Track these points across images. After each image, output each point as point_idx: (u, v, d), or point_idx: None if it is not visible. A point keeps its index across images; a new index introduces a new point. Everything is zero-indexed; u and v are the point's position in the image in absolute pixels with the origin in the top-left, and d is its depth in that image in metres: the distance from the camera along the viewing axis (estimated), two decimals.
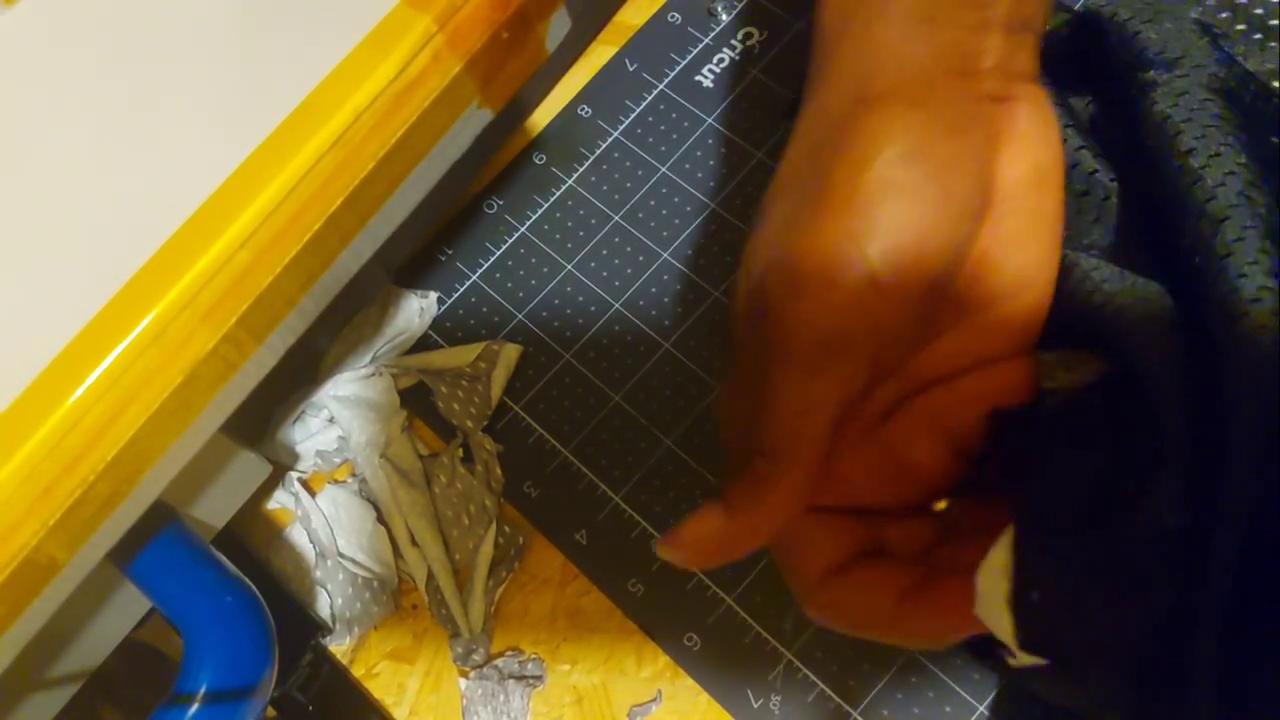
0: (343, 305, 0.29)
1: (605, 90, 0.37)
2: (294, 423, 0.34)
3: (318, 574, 0.33)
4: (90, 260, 0.22)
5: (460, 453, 0.34)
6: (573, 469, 0.33)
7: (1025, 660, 0.22)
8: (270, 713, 0.31)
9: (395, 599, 0.33)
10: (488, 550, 0.32)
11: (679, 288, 0.34)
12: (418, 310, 0.35)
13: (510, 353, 0.34)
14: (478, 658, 0.32)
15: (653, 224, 0.35)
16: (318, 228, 0.24)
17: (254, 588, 0.27)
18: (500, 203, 0.36)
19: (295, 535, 0.34)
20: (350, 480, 0.34)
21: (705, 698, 0.30)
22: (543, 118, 0.37)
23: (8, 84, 0.24)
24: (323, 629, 0.32)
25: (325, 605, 0.33)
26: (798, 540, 0.25)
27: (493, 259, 0.36)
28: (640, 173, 0.36)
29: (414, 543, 0.33)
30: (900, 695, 0.30)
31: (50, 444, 0.21)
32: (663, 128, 0.36)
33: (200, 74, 0.24)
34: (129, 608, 0.28)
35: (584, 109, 0.37)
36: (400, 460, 0.33)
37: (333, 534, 0.33)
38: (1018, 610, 0.22)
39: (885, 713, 0.29)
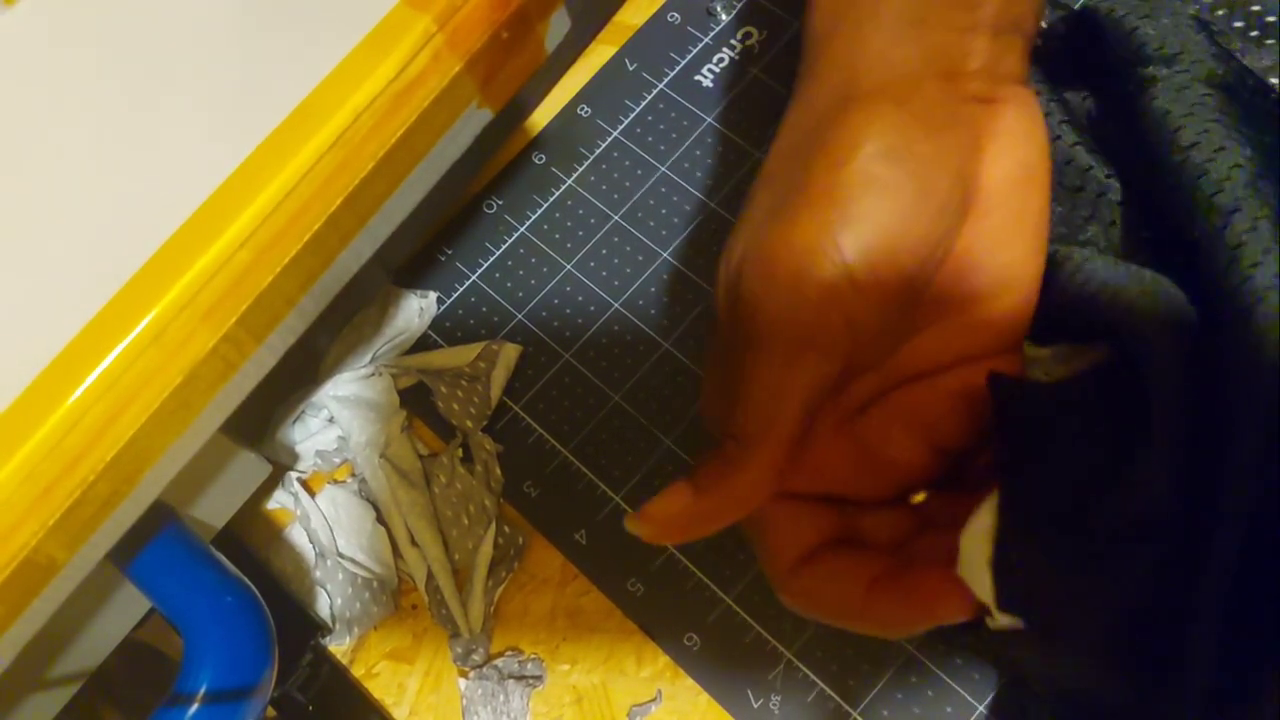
0: (343, 305, 0.29)
1: (605, 90, 0.37)
2: (294, 423, 0.34)
3: (317, 574, 0.33)
4: (90, 260, 0.22)
5: (460, 453, 0.34)
6: (572, 469, 0.33)
7: (1003, 622, 0.22)
8: (270, 713, 0.31)
9: (395, 599, 0.33)
10: (487, 550, 0.32)
11: (679, 288, 0.34)
12: (417, 310, 0.35)
13: (510, 353, 0.34)
14: (477, 658, 0.32)
15: (652, 224, 0.35)
16: (318, 228, 0.24)
17: (254, 588, 0.27)
18: (500, 203, 0.36)
19: (295, 535, 0.34)
20: (350, 480, 0.34)
21: (705, 698, 0.30)
22: (542, 118, 0.37)
23: (8, 84, 0.24)
24: (323, 629, 0.32)
25: (325, 605, 0.33)
26: (772, 526, 0.25)
27: (492, 259, 0.36)
28: (640, 172, 0.36)
29: (414, 543, 0.33)
30: (900, 695, 0.30)
31: (50, 444, 0.21)
32: (662, 127, 0.36)
33: (200, 74, 0.24)
34: (129, 608, 0.28)
35: (584, 109, 0.37)
36: (400, 460, 0.33)
37: (332, 534, 0.33)
38: (997, 569, 0.22)
39: (885, 713, 0.29)
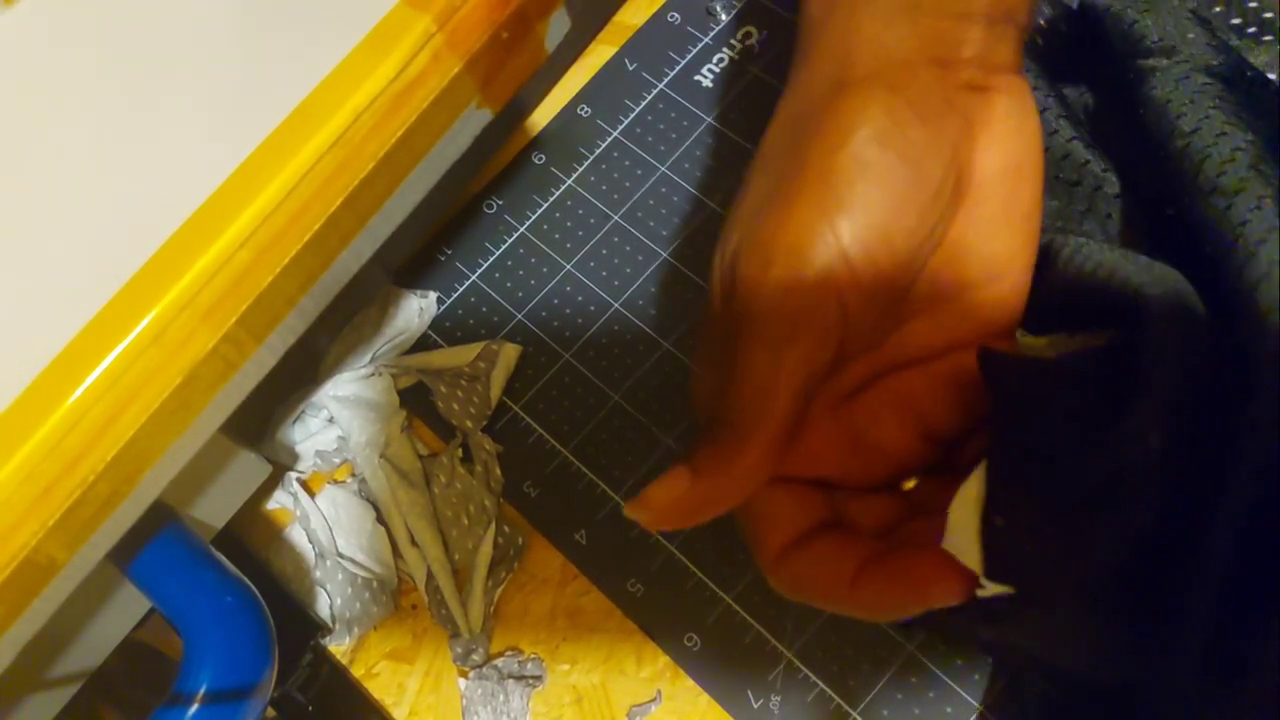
0: (343, 305, 0.29)
1: (605, 90, 0.37)
2: (294, 423, 0.34)
3: (317, 574, 0.33)
4: (90, 260, 0.22)
5: (460, 453, 0.34)
6: (572, 469, 0.33)
7: (992, 589, 0.22)
8: (270, 713, 0.31)
9: (395, 599, 0.33)
10: (487, 550, 0.32)
11: (679, 288, 0.34)
12: (417, 310, 0.35)
13: (510, 353, 0.34)
14: (477, 658, 0.32)
15: (652, 224, 0.35)
16: (318, 228, 0.24)
17: (254, 588, 0.27)
18: (500, 203, 0.36)
19: (295, 535, 0.34)
20: (350, 480, 0.34)
21: (705, 698, 0.30)
22: (542, 118, 0.37)
23: (8, 84, 0.24)
24: (322, 629, 0.32)
25: (325, 605, 0.33)
26: (761, 509, 0.25)
27: (492, 259, 0.36)
28: (640, 172, 0.36)
29: (413, 543, 0.33)
30: (900, 695, 0.30)
31: (50, 444, 0.21)
32: (662, 127, 0.36)
33: (200, 74, 0.24)
34: (129, 608, 0.28)
35: (584, 109, 0.37)
36: (400, 460, 0.33)
37: (332, 534, 0.33)
38: (985, 536, 0.22)
39: (885, 713, 0.29)
